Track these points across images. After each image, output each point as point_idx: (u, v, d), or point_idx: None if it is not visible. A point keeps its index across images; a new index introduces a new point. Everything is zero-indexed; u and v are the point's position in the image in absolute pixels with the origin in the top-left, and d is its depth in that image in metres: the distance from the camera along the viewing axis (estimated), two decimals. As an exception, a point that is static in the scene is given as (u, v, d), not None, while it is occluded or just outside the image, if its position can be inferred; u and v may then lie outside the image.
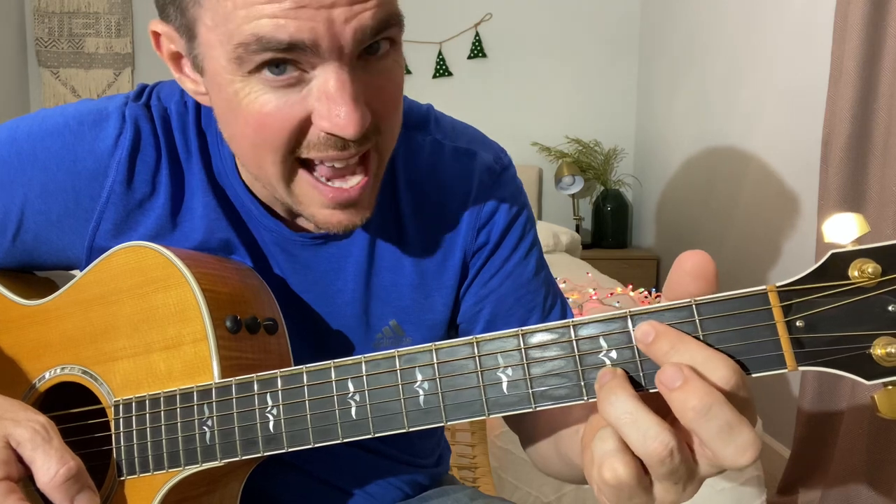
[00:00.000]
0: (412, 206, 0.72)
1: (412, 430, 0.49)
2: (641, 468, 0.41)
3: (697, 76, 3.07)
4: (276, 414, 0.53)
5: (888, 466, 1.73)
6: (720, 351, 0.41)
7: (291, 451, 0.53)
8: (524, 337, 0.46)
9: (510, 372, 0.47)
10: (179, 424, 0.57)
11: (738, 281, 2.63)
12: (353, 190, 0.58)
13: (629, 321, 0.44)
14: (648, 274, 3.46)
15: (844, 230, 0.40)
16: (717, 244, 2.82)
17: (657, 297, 2.17)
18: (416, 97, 0.77)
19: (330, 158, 0.56)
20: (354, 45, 0.52)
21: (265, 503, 0.73)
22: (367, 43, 0.53)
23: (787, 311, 0.41)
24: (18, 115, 0.89)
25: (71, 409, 0.66)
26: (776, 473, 2.09)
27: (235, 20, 0.51)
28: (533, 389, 0.46)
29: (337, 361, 0.52)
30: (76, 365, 0.64)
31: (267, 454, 0.54)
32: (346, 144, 0.55)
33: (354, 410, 0.51)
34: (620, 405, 0.41)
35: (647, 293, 2.21)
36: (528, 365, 0.46)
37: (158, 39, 0.61)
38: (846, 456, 1.80)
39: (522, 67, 3.76)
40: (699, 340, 0.42)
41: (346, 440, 0.51)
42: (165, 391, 0.58)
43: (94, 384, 0.63)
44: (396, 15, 0.55)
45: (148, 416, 0.59)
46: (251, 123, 0.55)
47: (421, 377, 0.49)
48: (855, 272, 0.40)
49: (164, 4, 0.58)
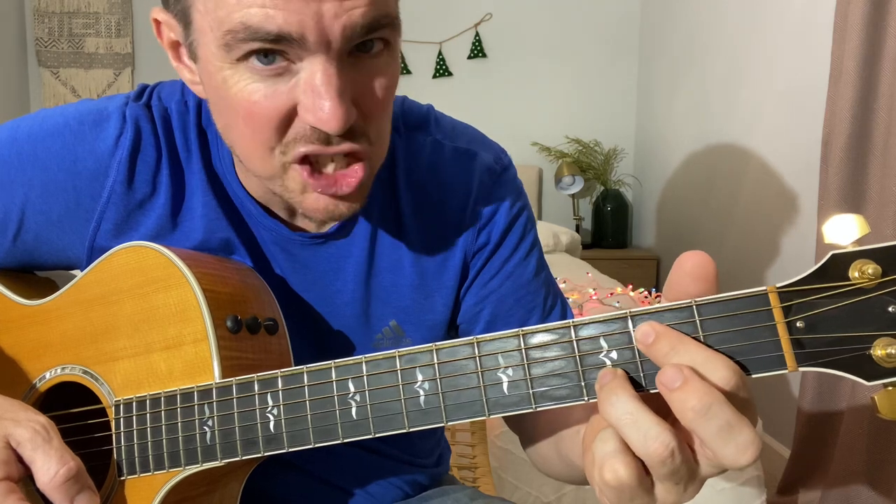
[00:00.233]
0: (412, 206, 0.72)
1: (413, 430, 0.49)
2: (642, 469, 0.41)
3: (697, 76, 3.07)
4: (276, 414, 0.53)
5: (888, 466, 1.73)
6: (720, 352, 0.42)
7: (292, 451, 0.53)
8: (525, 337, 0.46)
9: (511, 372, 0.47)
10: (180, 424, 0.57)
11: (737, 281, 2.63)
12: (343, 182, 0.58)
13: (629, 322, 0.44)
14: (648, 274, 3.46)
15: (845, 231, 0.40)
16: (717, 244, 2.82)
17: (657, 297, 2.17)
18: (416, 97, 0.77)
19: (314, 152, 0.56)
20: (343, 41, 0.52)
21: (265, 503, 0.73)
22: (356, 40, 0.53)
23: (787, 311, 0.41)
24: (18, 115, 0.89)
25: (71, 409, 0.66)
26: (776, 473, 2.09)
27: (226, 7, 0.51)
28: (533, 390, 0.46)
29: (338, 361, 0.52)
30: (77, 365, 0.64)
31: (267, 454, 0.54)
32: (329, 139, 0.55)
33: (355, 410, 0.51)
34: (621, 406, 0.41)
35: (647, 293, 2.21)
36: (528, 365, 0.46)
37: (159, 27, 0.61)
38: (846, 456, 1.80)
39: (522, 67, 3.76)
40: (699, 341, 0.42)
41: (346, 440, 0.51)
42: (166, 391, 0.58)
43: (94, 384, 0.63)
44: (390, 16, 0.54)
45: (148, 415, 0.59)
46: (240, 112, 0.55)
47: (421, 377, 0.49)
48: (855, 273, 0.40)
49: None
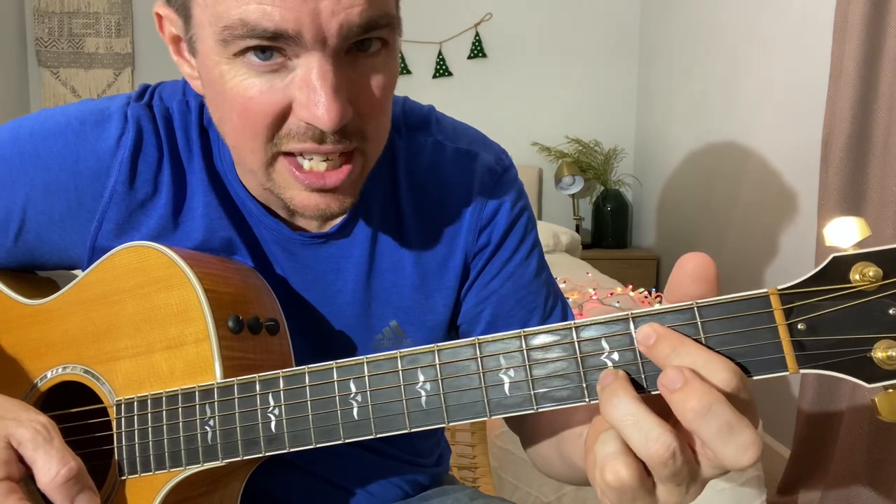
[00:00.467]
0: (413, 206, 0.72)
1: (414, 430, 0.49)
2: (644, 470, 0.41)
3: (697, 76, 3.07)
4: (277, 414, 0.53)
5: (888, 467, 1.73)
6: (721, 354, 0.42)
7: (293, 451, 0.53)
8: (526, 338, 0.46)
9: (512, 373, 0.47)
10: (181, 424, 0.57)
11: (737, 280, 2.63)
12: (329, 175, 0.57)
13: (631, 323, 0.44)
14: (648, 274, 3.46)
15: (846, 234, 0.40)
16: (717, 244, 2.82)
17: (657, 297, 2.17)
18: (416, 97, 0.78)
19: (308, 151, 0.56)
20: (340, 39, 0.52)
21: (266, 502, 0.73)
22: (353, 39, 0.53)
23: (788, 313, 0.41)
24: (18, 115, 0.89)
25: (72, 408, 0.66)
26: (776, 473, 2.09)
27: (225, 3, 0.51)
28: (535, 391, 0.46)
29: (339, 362, 0.52)
30: (78, 364, 0.64)
31: (269, 454, 0.54)
32: (323, 137, 0.55)
33: (356, 411, 0.51)
34: (622, 407, 0.41)
35: (647, 293, 2.21)
36: (530, 366, 0.46)
37: (161, 22, 0.62)
38: (846, 456, 1.80)
39: (522, 67, 3.76)
40: (700, 343, 0.42)
41: (348, 440, 0.51)
42: (167, 391, 0.58)
43: (95, 384, 0.63)
44: (388, 16, 0.54)
45: (150, 415, 0.59)
46: (235, 107, 0.55)
47: (423, 378, 0.49)
48: (856, 275, 0.40)
49: None
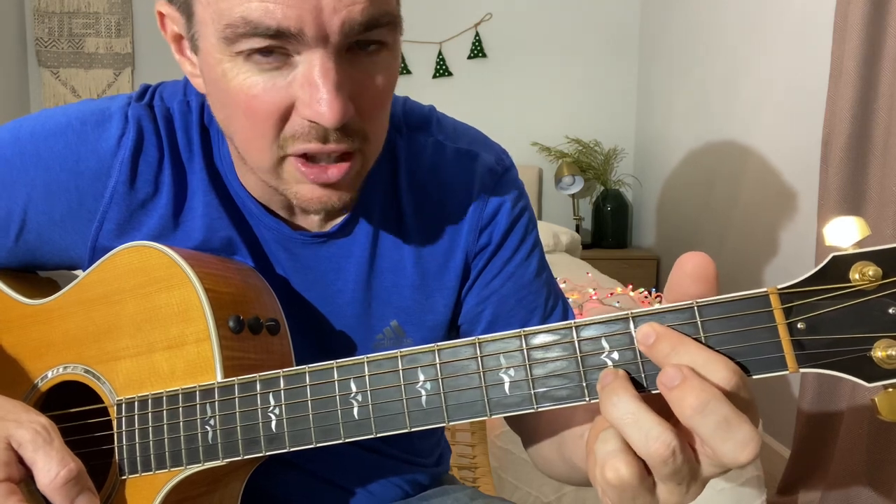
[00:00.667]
0: (414, 206, 0.72)
1: (414, 430, 0.49)
2: (644, 469, 0.41)
3: (697, 76, 3.07)
4: (278, 414, 0.53)
5: (888, 466, 1.73)
6: (721, 353, 0.42)
7: (293, 450, 0.53)
8: (526, 338, 0.46)
9: (512, 373, 0.47)
10: (182, 424, 0.57)
11: (737, 280, 2.63)
12: (332, 169, 0.58)
13: (631, 322, 0.44)
14: (648, 274, 3.46)
15: (845, 233, 0.40)
16: (717, 244, 2.83)
17: (657, 297, 2.17)
18: (416, 97, 0.78)
19: (313, 151, 0.56)
20: (341, 36, 0.52)
21: (266, 502, 0.73)
22: (355, 37, 0.53)
23: (788, 313, 0.41)
24: (18, 115, 0.89)
25: (73, 408, 0.66)
26: (776, 473, 2.09)
27: (227, 0, 0.51)
28: (535, 390, 0.46)
29: (339, 361, 0.52)
30: (79, 364, 0.64)
31: (269, 454, 0.54)
32: (327, 136, 0.55)
33: (357, 410, 0.51)
34: (622, 406, 0.41)
35: (647, 293, 2.21)
36: (530, 366, 0.46)
37: (163, 20, 0.62)
38: (846, 456, 1.80)
39: (522, 67, 3.76)
40: (700, 342, 0.42)
41: (348, 440, 0.51)
42: (168, 390, 0.58)
43: (96, 383, 0.63)
44: (389, 14, 0.55)
45: (150, 415, 0.59)
46: (240, 106, 0.56)
47: (423, 377, 0.49)
48: (856, 275, 0.40)
49: None
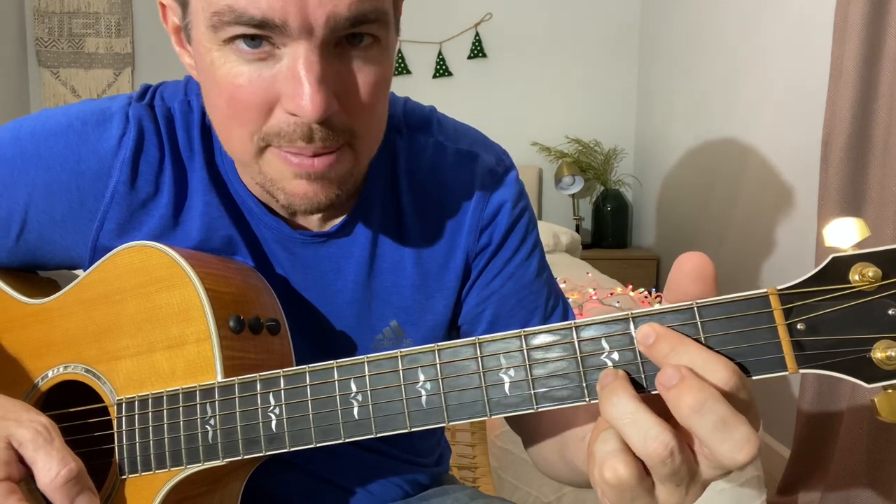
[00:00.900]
0: (414, 206, 0.72)
1: (414, 430, 0.49)
2: (643, 469, 0.42)
3: (697, 76, 3.07)
4: (278, 413, 0.54)
5: (888, 466, 1.73)
6: (720, 353, 0.42)
7: (293, 450, 0.53)
8: (526, 338, 0.46)
9: (512, 373, 0.47)
10: (182, 423, 0.57)
11: (737, 280, 2.63)
12: (318, 161, 0.57)
13: (631, 323, 0.44)
14: (648, 274, 3.46)
15: (845, 234, 0.41)
16: (716, 244, 2.83)
17: (657, 297, 2.17)
18: (416, 97, 0.78)
19: (297, 151, 0.56)
20: (327, 30, 0.52)
21: (266, 502, 0.73)
22: (341, 32, 0.53)
23: (788, 313, 0.41)
24: (18, 115, 0.89)
25: (73, 407, 0.67)
26: (776, 473, 2.09)
27: None
28: (535, 390, 0.46)
29: (340, 361, 0.52)
30: (79, 363, 0.64)
31: (269, 454, 0.54)
32: (312, 135, 0.55)
33: (357, 410, 0.51)
34: (622, 405, 0.41)
35: (647, 293, 2.21)
36: (530, 366, 0.46)
37: (164, 12, 0.62)
38: (846, 456, 1.80)
39: (522, 67, 3.76)
40: (699, 343, 0.42)
41: (348, 440, 0.51)
42: (168, 390, 0.58)
43: (97, 383, 0.63)
44: (379, 11, 0.54)
45: (150, 414, 0.59)
46: (224, 94, 0.55)
47: (423, 377, 0.49)
48: (856, 276, 0.40)
49: None
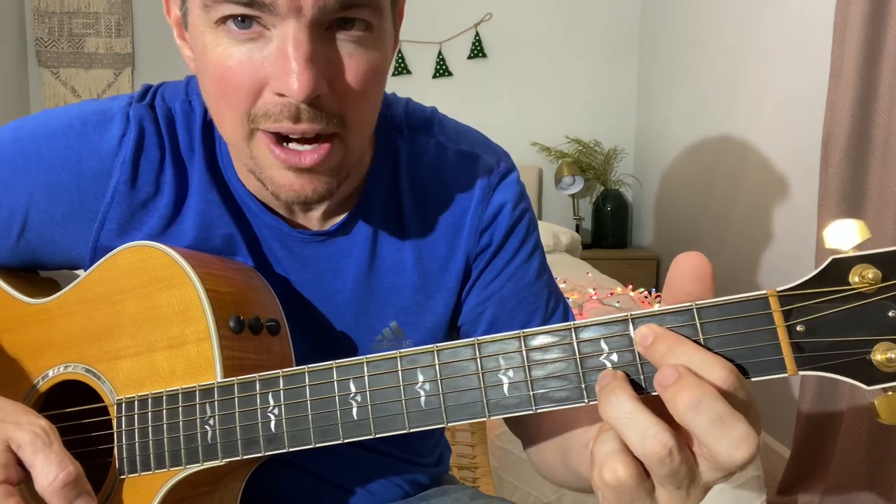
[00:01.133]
0: (415, 207, 0.72)
1: (413, 430, 0.49)
2: (642, 470, 0.41)
3: (697, 76, 3.07)
4: (277, 414, 0.54)
5: (888, 466, 1.73)
6: (719, 354, 0.42)
7: (293, 450, 0.53)
8: (525, 339, 0.46)
9: (511, 374, 0.47)
10: (181, 423, 0.57)
11: (737, 280, 2.63)
12: (306, 154, 0.57)
13: (630, 324, 0.44)
14: (648, 274, 3.46)
15: (845, 236, 0.41)
16: (716, 244, 2.83)
17: (657, 297, 2.17)
18: (416, 97, 0.78)
19: (285, 131, 0.56)
20: (316, 11, 0.52)
21: (265, 501, 0.73)
22: (331, 14, 0.53)
23: (787, 315, 0.41)
24: (18, 115, 0.89)
25: (73, 407, 0.67)
26: (776, 474, 2.09)
27: None
28: (534, 391, 0.46)
29: (339, 362, 0.52)
30: (79, 363, 0.64)
31: (268, 454, 0.55)
32: (298, 115, 0.54)
33: (356, 411, 0.51)
34: (620, 405, 0.41)
35: (647, 293, 2.21)
36: (529, 367, 0.46)
37: (168, 4, 0.62)
38: (846, 456, 1.80)
39: (522, 67, 3.76)
40: (698, 344, 0.42)
41: (347, 440, 0.51)
42: (168, 390, 0.58)
43: (97, 382, 0.63)
44: None
45: (150, 414, 0.59)
46: (215, 76, 0.56)
47: (422, 378, 0.49)
48: (855, 278, 0.40)
49: None
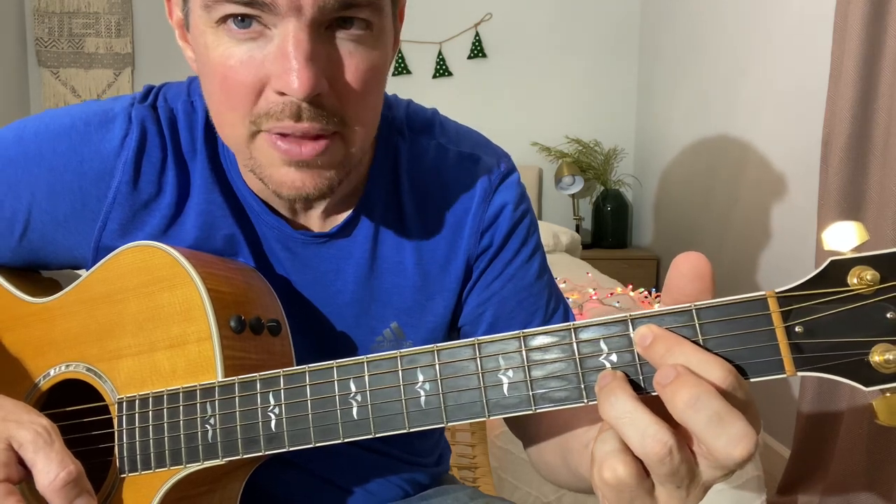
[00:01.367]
0: (415, 208, 0.72)
1: (413, 430, 0.50)
2: (642, 469, 0.42)
3: (697, 76, 3.07)
4: (277, 413, 0.54)
5: (888, 466, 1.73)
6: (718, 354, 0.42)
7: (293, 450, 0.54)
8: (525, 339, 0.47)
9: (511, 374, 0.47)
10: (182, 422, 0.57)
11: (737, 280, 2.63)
12: (306, 145, 0.56)
13: (629, 325, 0.44)
14: (648, 274, 3.46)
15: (844, 238, 0.41)
16: (716, 244, 2.83)
17: (657, 297, 2.17)
18: (415, 97, 0.78)
19: (285, 130, 0.56)
20: (315, 10, 0.52)
21: (266, 501, 0.73)
22: (331, 14, 0.53)
23: (786, 316, 0.41)
24: (19, 115, 0.89)
25: (74, 406, 0.67)
26: (776, 473, 2.09)
27: None
28: (533, 391, 0.46)
29: (339, 362, 0.52)
30: (81, 362, 0.64)
31: (268, 453, 0.55)
32: (300, 113, 0.54)
33: (356, 410, 0.51)
34: (620, 405, 0.42)
35: (647, 293, 2.21)
36: (528, 367, 0.46)
37: (170, 6, 0.63)
38: (846, 456, 1.80)
39: (522, 67, 3.76)
40: (697, 344, 0.42)
41: (347, 440, 0.52)
42: (168, 389, 0.59)
43: (98, 382, 0.63)
44: None
45: (151, 413, 0.59)
46: (216, 77, 0.56)
47: (422, 378, 0.49)
48: (854, 279, 0.40)
49: None
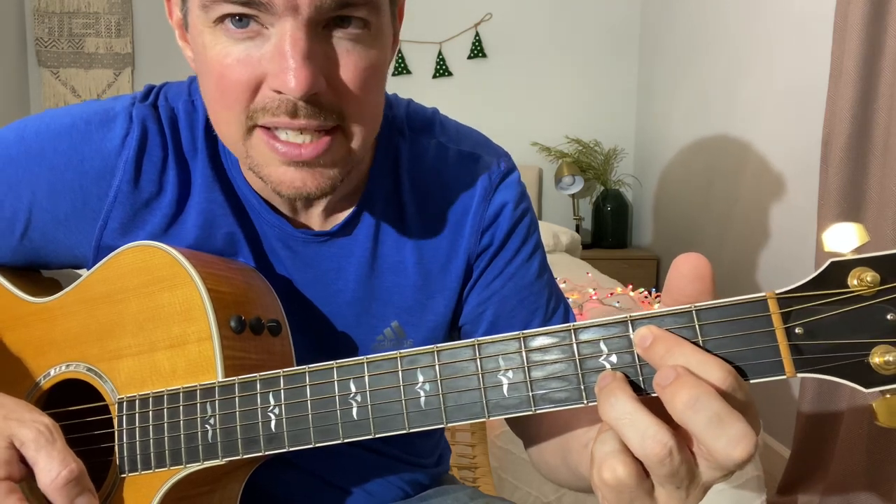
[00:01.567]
0: (416, 207, 0.72)
1: (413, 431, 0.50)
2: (642, 470, 0.42)
3: (697, 76, 3.07)
4: (277, 413, 0.54)
5: (888, 466, 1.74)
6: (717, 356, 0.42)
7: (293, 450, 0.54)
8: (525, 340, 0.47)
9: (511, 375, 0.47)
10: (182, 422, 0.58)
11: (737, 280, 2.63)
12: (306, 147, 0.57)
13: (629, 326, 0.44)
14: (648, 274, 3.46)
15: (844, 239, 0.41)
16: (716, 244, 2.83)
17: (657, 297, 2.17)
18: (415, 97, 0.78)
19: (282, 125, 0.56)
20: (312, 9, 0.52)
21: (265, 501, 0.73)
22: (328, 13, 0.53)
23: (786, 317, 0.41)
24: (19, 115, 0.89)
25: (75, 406, 0.67)
26: (776, 473, 2.09)
27: None
28: (533, 392, 0.46)
29: (339, 362, 0.52)
30: (81, 362, 0.64)
31: (268, 454, 0.55)
32: (296, 111, 0.55)
33: (356, 411, 0.51)
34: (619, 406, 0.42)
35: (647, 293, 2.21)
36: (528, 368, 0.46)
37: (170, 6, 0.63)
38: (846, 456, 1.80)
39: (522, 67, 3.76)
40: (696, 345, 0.42)
41: (347, 440, 0.52)
42: (168, 389, 0.59)
43: (98, 381, 0.63)
44: None
45: (151, 413, 0.59)
46: (213, 75, 0.56)
47: (422, 379, 0.49)
48: (854, 280, 0.40)
49: None
